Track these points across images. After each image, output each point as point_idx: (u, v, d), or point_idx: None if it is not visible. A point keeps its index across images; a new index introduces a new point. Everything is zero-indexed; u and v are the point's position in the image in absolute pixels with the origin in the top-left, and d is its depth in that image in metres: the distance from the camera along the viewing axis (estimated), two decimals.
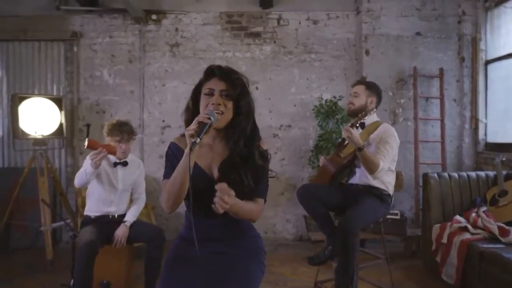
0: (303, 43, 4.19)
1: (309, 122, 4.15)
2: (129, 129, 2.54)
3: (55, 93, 4.12)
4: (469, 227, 2.84)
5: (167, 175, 1.37)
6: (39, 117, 3.46)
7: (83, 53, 4.13)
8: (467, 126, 4.04)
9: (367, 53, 4.03)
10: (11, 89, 4.08)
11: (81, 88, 4.14)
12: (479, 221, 2.85)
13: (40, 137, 3.49)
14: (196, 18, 4.16)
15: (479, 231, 2.79)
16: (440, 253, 2.93)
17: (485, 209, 2.98)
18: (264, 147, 1.45)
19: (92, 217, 2.57)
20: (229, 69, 1.40)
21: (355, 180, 2.44)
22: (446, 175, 3.29)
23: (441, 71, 3.99)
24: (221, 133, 1.40)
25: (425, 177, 3.28)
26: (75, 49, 4.11)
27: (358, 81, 2.64)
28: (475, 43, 3.98)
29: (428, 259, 3.16)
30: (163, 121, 4.16)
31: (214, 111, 1.30)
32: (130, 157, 2.66)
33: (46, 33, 4.08)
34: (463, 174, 3.33)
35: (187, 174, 1.24)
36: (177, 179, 1.29)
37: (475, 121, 4.00)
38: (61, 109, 3.62)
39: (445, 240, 2.89)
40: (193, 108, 1.41)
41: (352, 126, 2.23)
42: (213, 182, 1.36)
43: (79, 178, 2.43)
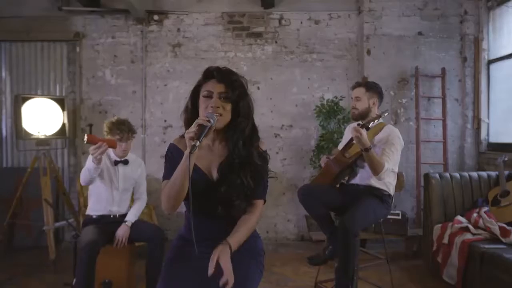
0: (304, 43, 4.19)
1: (311, 122, 4.15)
2: (128, 128, 2.54)
3: (57, 94, 4.15)
4: (471, 227, 2.83)
5: (166, 176, 1.38)
6: (42, 117, 3.48)
7: (86, 54, 4.15)
8: (469, 126, 4.03)
9: (369, 53, 4.02)
10: (14, 90, 4.12)
11: (84, 88, 4.17)
12: (481, 221, 2.84)
13: (43, 137, 3.51)
14: (197, 18, 4.17)
15: (481, 232, 2.78)
16: (441, 253, 2.93)
17: (486, 209, 2.97)
18: (263, 147, 1.45)
19: (93, 216, 2.59)
20: (227, 70, 1.40)
21: (355, 180, 2.44)
22: (447, 175, 3.28)
23: (443, 71, 3.97)
24: (220, 135, 1.41)
25: (427, 177, 3.27)
26: (78, 49, 4.14)
27: (357, 83, 2.58)
28: (477, 42, 3.96)
29: (429, 259, 3.16)
30: (165, 121, 4.18)
31: (213, 113, 1.31)
32: (131, 156, 2.67)
33: (48, 34, 4.11)
34: (465, 174, 3.32)
35: (186, 176, 1.25)
36: (176, 181, 1.30)
37: (477, 121, 3.99)
38: (63, 109, 3.64)
39: (446, 240, 2.88)
40: (192, 108, 1.42)
41: (362, 126, 2.20)
42: (213, 183, 1.37)
43: (83, 175, 2.43)
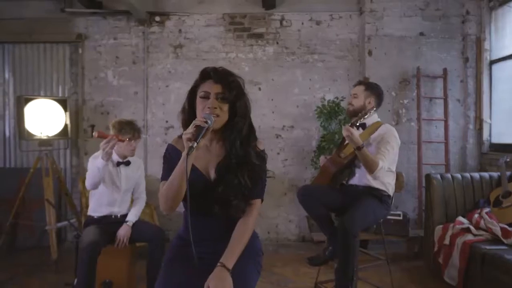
0: (306, 44, 4.19)
1: (312, 122, 4.14)
2: (138, 128, 2.58)
3: (60, 94, 4.18)
4: (472, 228, 2.82)
5: (164, 177, 1.38)
6: (45, 118, 3.51)
7: (88, 55, 4.17)
8: (471, 126, 4.01)
9: (370, 53, 4.02)
10: (18, 91, 4.15)
11: (86, 89, 4.19)
12: (482, 222, 2.83)
13: (45, 138, 3.54)
14: (199, 19, 4.18)
15: (482, 233, 2.77)
16: (442, 254, 2.92)
17: (488, 210, 2.96)
18: (260, 147, 1.45)
19: (95, 217, 2.60)
20: (224, 71, 1.40)
21: (354, 181, 2.44)
22: (449, 176, 3.27)
23: (445, 71, 3.96)
24: (218, 135, 1.42)
25: (428, 178, 3.26)
26: (80, 51, 4.16)
27: (358, 82, 2.61)
28: (479, 43, 3.95)
29: (430, 260, 3.15)
30: (167, 121, 4.19)
31: (210, 114, 1.31)
32: (131, 157, 2.68)
33: (51, 35, 4.13)
34: (466, 175, 3.31)
35: (184, 177, 1.25)
36: (174, 182, 1.30)
37: (479, 121, 3.97)
38: (66, 110, 3.66)
39: (447, 241, 2.87)
40: (189, 109, 1.43)
41: (352, 125, 2.22)
42: (210, 183, 1.38)
43: (91, 178, 2.38)
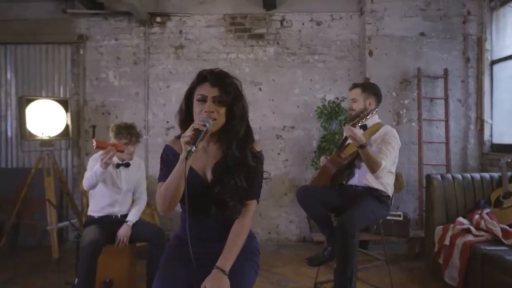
0: (306, 44, 4.19)
1: (313, 123, 4.15)
2: (136, 132, 2.57)
3: (62, 95, 4.20)
4: (472, 229, 2.82)
5: (162, 178, 1.39)
6: (46, 118, 3.53)
7: (89, 56, 4.19)
8: (472, 127, 4.00)
9: (371, 54, 4.02)
10: (20, 91, 4.18)
11: (87, 90, 4.21)
12: (482, 223, 2.83)
13: (46, 138, 3.56)
14: (200, 20, 4.19)
15: (482, 233, 2.77)
16: (442, 255, 2.91)
17: (488, 211, 2.95)
18: (257, 148, 1.46)
19: (95, 217, 2.61)
20: (221, 73, 1.38)
21: (354, 181, 2.44)
22: (449, 176, 3.27)
23: (446, 71, 3.96)
24: (215, 137, 1.42)
25: (428, 178, 3.26)
26: (82, 51, 4.18)
27: (354, 85, 2.57)
28: (480, 43, 3.94)
29: (431, 261, 3.14)
30: (167, 122, 4.21)
31: (208, 118, 1.31)
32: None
33: (53, 36, 4.16)
34: (467, 175, 3.30)
35: (181, 179, 1.25)
36: (172, 184, 1.31)
37: (480, 122, 3.96)
38: (67, 111, 3.68)
39: (447, 242, 2.87)
40: (186, 110, 1.43)
41: (353, 125, 2.21)
42: (207, 184, 1.38)
43: (88, 180, 2.41)
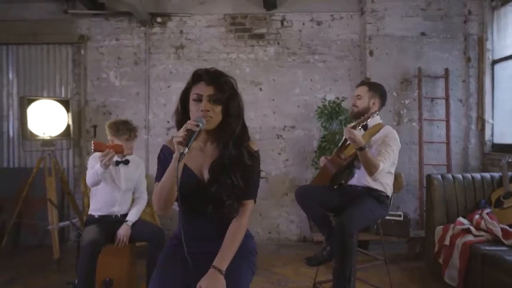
0: (306, 44, 4.19)
1: (313, 123, 4.15)
2: (133, 127, 2.62)
3: (63, 95, 4.21)
4: (472, 229, 2.81)
5: (158, 178, 1.40)
6: (47, 118, 3.54)
7: (90, 56, 4.21)
8: (473, 127, 3.99)
9: (371, 53, 4.01)
10: (21, 91, 4.20)
11: (88, 90, 4.23)
12: (482, 223, 2.82)
13: (48, 138, 3.57)
14: (200, 20, 4.20)
15: (482, 233, 2.76)
16: (442, 255, 2.91)
17: (489, 211, 2.95)
18: (254, 147, 1.46)
19: (95, 216, 2.62)
20: (216, 72, 1.39)
21: (353, 181, 2.44)
22: (450, 176, 3.26)
23: (447, 71, 3.95)
24: (211, 136, 1.42)
25: (429, 178, 3.25)
26: (83, 52, 4.20)
27: (362, 82, 2.60)
28: (481, 42, 3.93)
29: (431, 261, 3.14)
30: (168, 122, 4.21)
31: (203, 117, 1.31)
32: (131, 156, 2.70)
33: (54, 37, 4.18)
34: (468, 175, 3.29)
35: (175, 179, 1.26)
36: (166, 184, 1.32)
37: (481, 121, 3.95)
38: (68, 111, 3.69)
39: (447, 242, 2.87)
40: (182, 110, 1.43)
41: (354, 127, 2.21)
42: (203, 183, 1.38)
43: (91, 178, 2.45)
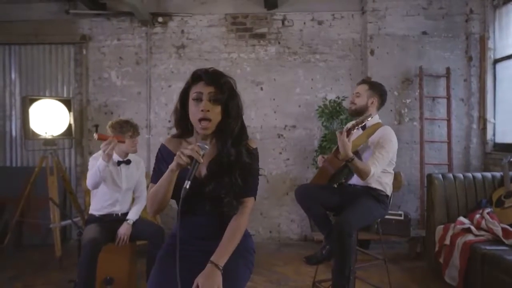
0: (307, 43, 4.19)
1: (314, 122, 4.15)
2: (135, 125, 2.66)
3: (65, 95, 4.24)
4: (473, 228, 2.81)
5: (154, 180, 1.41)
6: (49, 118, 3.56)
7: (92, 56, 4.23)
8: (475, 126, 3.98)
9: (372, 53, 4.01)
10: (24, 91, 4.23)
11: (90, 89, 4.25)
12: (483, 222, 2.82)
13: (50, 137, 3.60)
14: (201, 20, 4.21)
15: (483, 233, 2.76)
16: (443, 254, 2.91)
17: (489, 210, 2.94)
18: (253, 145, 1.46)
19: (96, 215, 2.64)
20: (215, 73, 1.39)
21: (353, 180, 2.43)
22: (450, 176, 3.26)
23: (448, 70, 3.93)
24: (210, 135, 1.42)
25: (429, 177, 3.25)
26: (84, 51, 4.22)
27: (362, 80, 2.57)
28: (483, 41, 3.91)
29: (432, 260, 3.14)
30: (169, 121, 4.22)
31: (202, 123, 1.34)
32: (131, 156, 2.72)
33: (56, 37, 4.20)
34: (469, 175, 3.29)
35: (170, 187, 1.30)
36: (160, 191, 1.33)
37: (483, 121, 3.93)
38: (70, 110, 3.72)
39: (448, 241, 2.86)
40: (181, 109, 1.44)
41: (348, 132, 2.12)
42: (202, 182, 1.39)
43: (92, 178, 2.45)
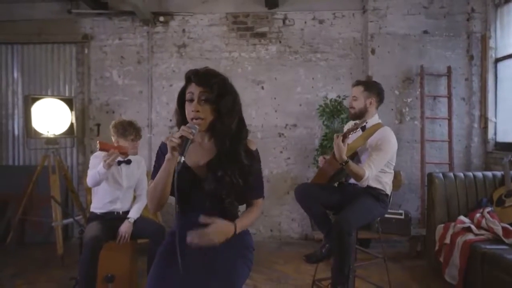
0: (308, 42, 4.20)
1: (315, 121, 4.16)
2: (139, 127, 2.67)
3: (67, 94, 4.26)
4: (473, 227, 2.81)
5: (154, 176, 1.42)
6: (51, 117, 3.59)
7: (94, 55, 4.25)
8: (476, 125, 3.97)
9: (373, 52, 4.01)
10: (26, 90, 4.25)
11: (92, 88, 4.27)
12: (483, 221, 2.82)
13: (52, 136, 3.62)
14: (202, 19, 4.22)
15: (483, 232, 2.76)
16: (443, 253, 2.91)
17: (490, 209, 2.94)
18: (253, 147, 1.48)
19: (98, 213, 2.66)
20: (205, 72, 1.41)
21: (353, 180, 2.44)
22: (451, 175, 3.26)
23: (449, 69, 3.93)
24: (209, 132, 1.44)
25: (430, 176, 3.25)
26: (86, 51, 4.24)
27: (357, 82, 2.54)
28: (484, 41, 3.91)
29: (432, 259, 3.14)
30: (170, 120, 4.24)
31: (194, 121, 1.36)
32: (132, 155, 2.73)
33: (58, 36, 4.23)
34: (469, 174, 3.29)
35: (169, 179, 1.31)
36: (159, 184, 1.34)
37: (484, 120, 3.93)
38: (72, 109, 3.74)
39: (448, 240, 2.87)
40: (180, 110, 1.46)
41: (345, 136, 2.13)
42: (201, 180, 1.40)
43: (92, 178, 2.49)
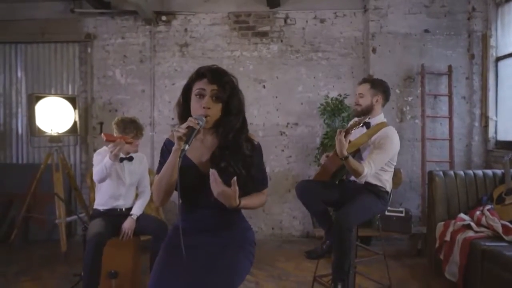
0: (310, 41, 4.22)
1: (316, 120, 4.18)
2: (140, 126, 2.69)
3: (70, 93, 4.30)
4: (473, 225, 2.83)
5: (159, 171, 1.44)
6: (55, 115, 3.62)
7: (97, 54, 4.29)
8: (476, 124, 3.98)
9: (374, 51, 4.02)
10: (29, 89, 4.29)
11: (95, 87, 4.30)
12: (483, 219, 2.84)
13: (55, 134, 3.65)
14: (204, 18, 4.25)
15: (483, 229, 2.78)
16: (443, 251, 2.93)
17: (490, 207, 2.96)
18: (254, 140, 1.50)
19: (101, 210, 2.69)
20: (218, 71, 1.43)
21: (353, 177, 2.46)
22: (451, 173, 3.28)
23: (450, 68, 3.94)
24: (212, 129, 1.46)
25: (430, 175, 3.27)
26: (89, 50, 4.28)
27: (363, 79, 2.58)
28: (485, 39, 3.92)
29: (432, 257, 3.16)
30: (173, 119, 4.27)
31: (203, 115, 1.36)
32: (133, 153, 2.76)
33: (61, 35, 4.26)
34: (470, 172, 3.31)
35: (174, 171, 1.31)
36: (164, 177, 1.36)
37: (485, 119, 3.94)
38: (75, 108, 3.77)
39: (448, 238, 2.88)
40: (184, 103, 1.48)
41: (347, 131, 2.13)
42: (203, 174, 1.43)
43: (99, 173, 2.50)
